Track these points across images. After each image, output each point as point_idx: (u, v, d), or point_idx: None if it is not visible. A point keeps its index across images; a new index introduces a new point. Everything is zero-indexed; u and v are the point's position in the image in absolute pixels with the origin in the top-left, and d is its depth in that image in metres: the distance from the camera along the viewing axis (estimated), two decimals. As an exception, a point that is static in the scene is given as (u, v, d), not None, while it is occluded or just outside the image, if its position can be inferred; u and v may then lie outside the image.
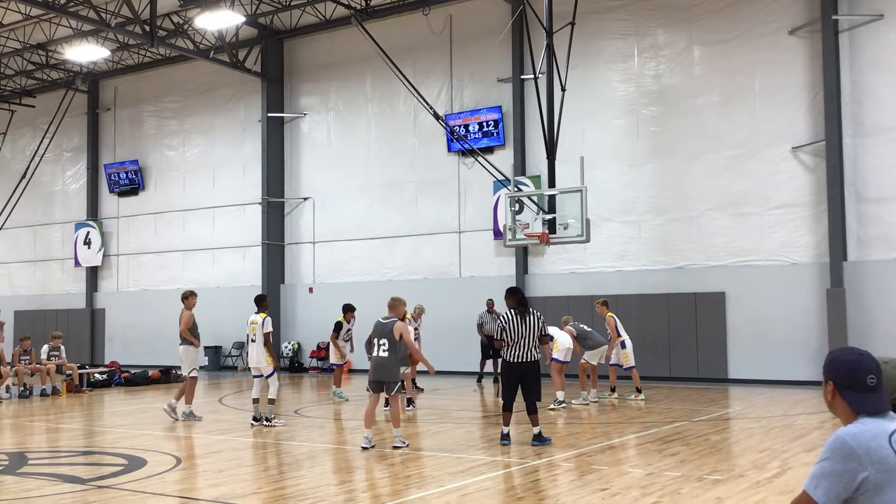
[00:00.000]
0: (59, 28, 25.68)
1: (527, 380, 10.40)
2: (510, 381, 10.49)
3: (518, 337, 10.29)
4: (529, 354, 10.32)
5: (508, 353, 10.36)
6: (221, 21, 22.84)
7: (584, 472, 8.87)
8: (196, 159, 28.28)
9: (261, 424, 12.71)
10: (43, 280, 31.99)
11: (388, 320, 10.52)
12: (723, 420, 13.48)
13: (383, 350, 10.39)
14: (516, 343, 10.30)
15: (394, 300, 10.80)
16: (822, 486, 2.81)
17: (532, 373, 10.39)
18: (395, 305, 10.74)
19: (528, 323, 10.29)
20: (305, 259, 26.06)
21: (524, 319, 10.31)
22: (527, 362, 10.35)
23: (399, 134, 24.27)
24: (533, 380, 10.42)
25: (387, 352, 10.36)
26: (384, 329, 10.46)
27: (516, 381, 10.45)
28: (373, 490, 8.08)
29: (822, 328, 18.13)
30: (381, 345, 10.42)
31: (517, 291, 10.67)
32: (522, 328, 10.27)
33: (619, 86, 20.99)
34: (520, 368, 10.35)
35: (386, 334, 10.40)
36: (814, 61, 18.64)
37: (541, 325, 10.43)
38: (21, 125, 31.92)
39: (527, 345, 10.30)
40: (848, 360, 2.99)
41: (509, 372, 10.45)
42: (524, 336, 10.28)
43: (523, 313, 10.34)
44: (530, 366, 10.37)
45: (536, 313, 10.43)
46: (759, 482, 8.11)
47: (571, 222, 16.54)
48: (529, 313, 10.38)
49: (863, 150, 18.19)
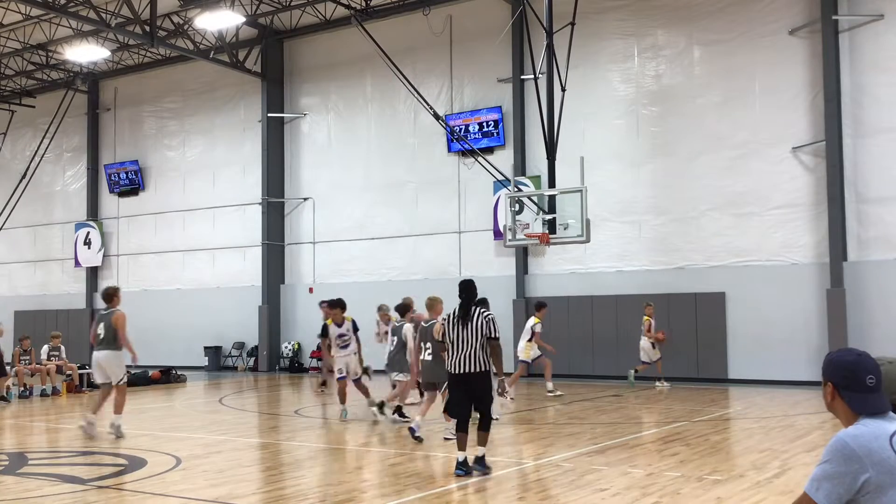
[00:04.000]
0: (59, 28, 25.67)
1: (474, 392, 8.61)
2: (458, 394, 8.74)
3: (459, 342, 8.61)
4: (475, 364, 8.54)
5: (450, 362, 8.69)
6: (221, 21, 22.85)
7: (584, 472, 8.86)
8: (196, 159, 28.27)
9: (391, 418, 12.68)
10: (43, 280, 31.99)
11: (431, 322, 10.65)
12: (723, 420, 13.48)
13: (428, 353, 10.70)
14: (457, 350, 8.61)
15: (430, 300, 10.96)
16: (823, 488, 2.81)
17: (479, 385, 8.61)
18: (433, 305, 10.90)
19: (470, 327, 8.56)
20: (305, 259, 26.05)
21: (465, 324, 8.59)
22: (471, 373, 8.55)
23: (399, 134, 24.27)
24: (481, 393, 8.63)
25: (431, 355, 10.58)
26: (427, 333, 10.66)
27: (464, 393, 8.67)
28: (373, 490, 8.07)
29: (822, 328, 18.13)
30: (426, 348, 10.75)
31: (464, 288, 8.84)
32: (464, 332, 8.57)
33: (619, 86, 20.98)
34: (464, 381, 8.61)
35: (429, 338, 10.53)
36: (814, 61, 18.63)
37: (487, 329, 8.60)
38: (21, 125, 31.92)
39: (471, 352, 8.54)
40: (847, 361, 2.99)
41: (454, 384, 8.77)
42: (467, 341, 8.56)
43: (464, 316, 8.63)
44: (476, 377, 8.57)
45: (485, 314, 8.67)
46: (759, 482, 8.11)
47: (571, 222, 16.54)
48: (472, 316, 8.63)
49: (863, 150, 18.19)
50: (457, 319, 8.68)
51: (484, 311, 8.68)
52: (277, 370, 25.60)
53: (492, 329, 8.61)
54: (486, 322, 8.60)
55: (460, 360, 8.59)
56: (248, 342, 26.57)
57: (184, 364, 25.14)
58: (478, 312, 8.66)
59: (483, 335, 8.57)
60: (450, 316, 8.78)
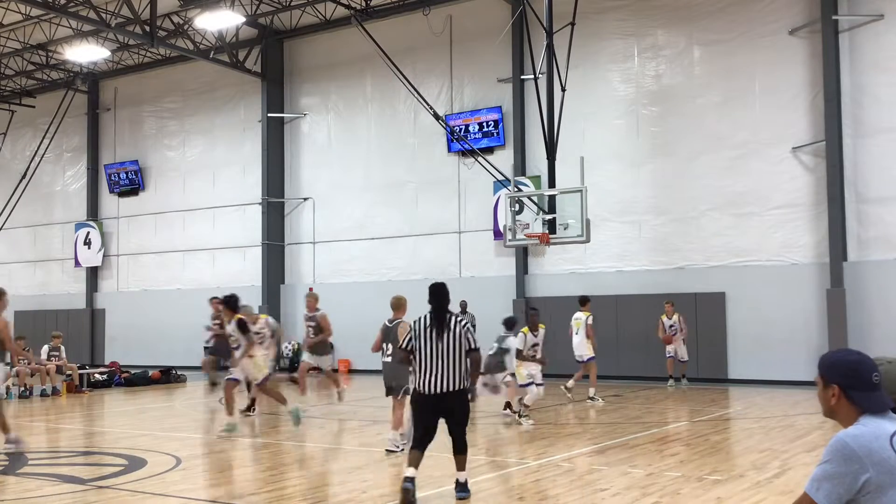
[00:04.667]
0: (59, 28, 25.66)
1: (452, 412, 7.52)
2: (427, 417, 7.52)
3: (432, 357, 7.39)
4: (453, 381, 7.37)
5: (419, 379, 7.45)
6: (221, 21, 22.84)
7: (584, 472, 8.86)
8: (196, 159, 28.27)
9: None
10: (43, 280, 31.99)
11: (394, 322, 9.92)
12: (723, 420, 13.48)
13: (387, 355, 9.85)
14: (429, 366, 7.39)
15: (396, 299, 10.12)
16: (823, 488, 2.81)
17: (459, 405, 7.50)
18: (399, 305, 10.05)
19: (446, 339, 7.40)
20: (305, 259, 26.05)
21: (439, 335, 7.42)
22: (450, 393, 7.39)
23: (399, 134, 24.26)
24: (459, 412, 7.54)
25: (391, 356, 9.73)
26: (389, 333, 9.86)
27: (435, 415, 7.51)
28: (373, 490, 8.07)
29: (822, 328, 18.12)
30: (386, 350, 9.88)
31: (436, 292, 7.63)
32: (439, 345, 7.39)
33: (619, 86, 20.98)
34: (440, 401, 7.40)
35: (391, 339, 9.74)
36: (814, 61, 18.63)
37: (467, 340, 7.46)
38: (21, 125, 31.92)
39: (448, 368, 7.37)
40: (852, 361, 2.98)
41: (424, 405, 7.50)
42: (442, 355, 7.37)
43: (439, 326, 7.45)
44: (455, 397, 7.43)
45: (462, 322, 7.50)
46: (759, 482, 8.11)
47: (571, 222, 16.54)
48: (448, 326, 7.46)
49: (863, 150, 18.18)
50: (428, 329, 7.42)
51: (461, 320, 7.51)
52: (277, 370, 25.56)
53: (473, 340, 7.46)
54: (465, 332, 7.44)
55: (435, 378, 7.33)
56: (248, 342, 26.51)
57: (184, 364, 25.12)
58: (454, 321, 7.46)
59: (461, 347, 7.39)
60: (418, 324, 7.52)
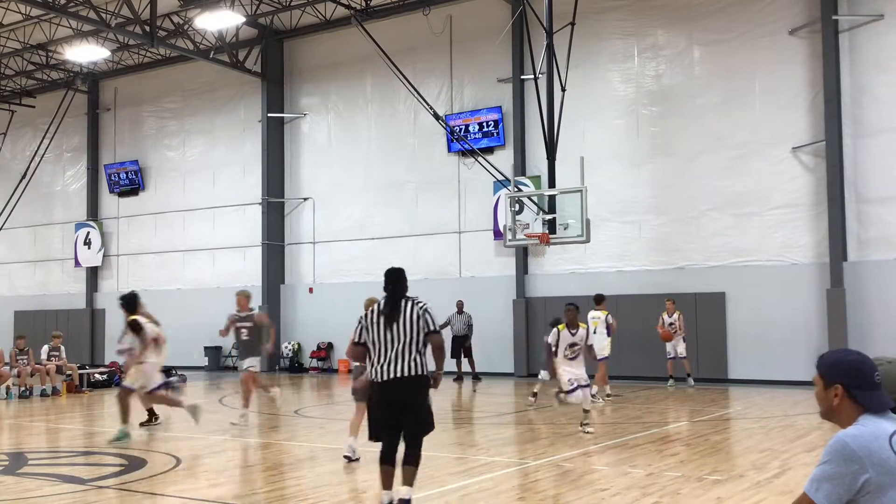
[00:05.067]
0: (59, 28, 25.66)
1: (405, 406, 6.80)
2: (382, 411, 6.89)
3: (383, 343, 6.84)
4: (406, 366, 6.75)
5: (373, 369, 6.90)
6: (221, 21, 22.85)
7: (584, 472, 8.86)
8: (196, 159, 28.27)
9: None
10: (43, 280, 31.99)
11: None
12: (723, 420, 13.48)
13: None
14: (381, 352, 6.84)
15: (369, 301, 9.63)
16: (823, 488, 2.80)
17: (412, 396, 6.80)
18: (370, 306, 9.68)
19: (400, 323, 6.81)
20: (305, 259, 26.06)
21: (392, 320, 6.83)
22: (401, 378, 6.75)
23: (399, 134, 24.27)
24: (413, 406, 6.81)
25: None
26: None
27: (389, 408, 6.84)
28: (373, 490, 8.06)
29: (822, 328, 18.12)
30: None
31: (392, 278, 7.06)
32: (392, 330, 6.81)
33: (619, 86, 20.98)
34: (391, 389, 6.78)
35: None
36: (814, 61, 18.63)
37: (425, 322, 6.85)
38: (21, 125, 31.92)
39: (401, 351, 6.77)
40: (854, 361, 2.98)
41: (377, 396, 6.93)
42: (395, 339, 6.80)
43: (391, 313, 6.86)
44: (407, 384, 6.76)
45: (419, 304, 6.91)
46: (759, 482, 8.11)
47: (571, 222, 16.55)
48: (402, 310, 6.86)
49: (863, 150, 18.19)
50: (379, 316, 6.87)
51: (419, 302, 6.90)
52: (277, 370, 25.60)
53: (429, 321, 6.85)
54: (423, 313, 6.83)
55: (386, 362, 6.76)
56: (248, 342, 26.51)
57: (183, 364, 25.13)
58: (410, 304, 6.87)
59: (419, 330, 6.79)
60: (370, 312, 6.98)
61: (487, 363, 21.57)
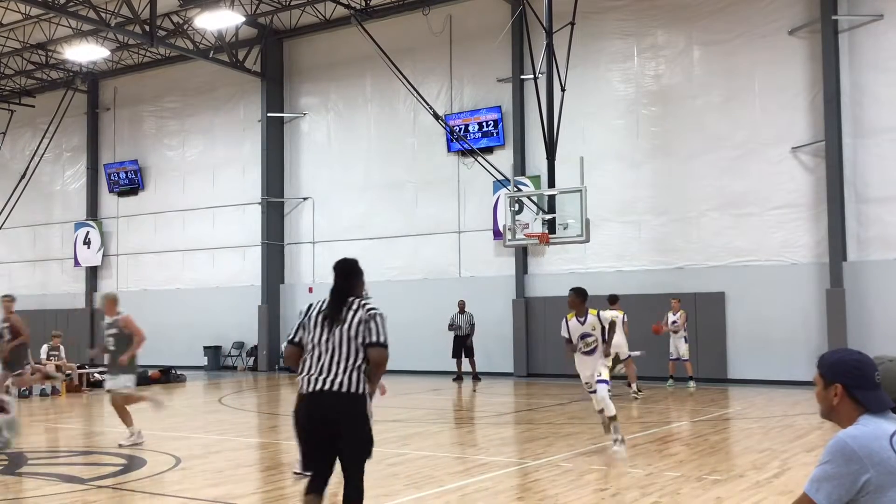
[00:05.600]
0: (58, 28, 25.65)
1: (337, 428, 5.28)
2: (310, 432, 5.40)
3: (320, 346, 5.37)
4: (339, 380, 5.25)
5: (303, 377, 5.41)
6: (221, 21, 22.84)
7: (583, 472, 8.86)
8: (196, 159, 28.27)
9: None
10: (42, 280, 31.98)
11: None
12: (722, 420, 13.48)
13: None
14: (315, 358, 5.38)
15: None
16: (823, 489, 2.80)
17: (345, 417, 5.28)
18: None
19: (340, 329, 5.32)
20: (305, 259, 26.05)
21: (334, 322, 5.36)
22: (332, 393, 5.26)
23: (399, 134, 24.26)
24: (347, 429, 5.29)
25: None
26: None
27: (318, 430, 5.35)
28: (372, 490, 8.05)
29: (821, 328, 18.12)
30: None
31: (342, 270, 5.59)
32: (333, 333, 5.34)
33: (618, 86, 20.98)
34: (318, 403, 5.30)
35: None
36: (813, 61, 18.63)
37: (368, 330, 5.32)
38: (21, 125, 31.90)
39: (336, 362, 5.29)
40: (855, 360, 2.98)
41: (303, 413, 5.42)
42: (333, 346, 5.33)
43: (334, 312, 5.39)
44: (340, 402, 5.27)
45: (369, 307, 5.40)
46: (758, 482, 8.11)
47: (571, 222, 16.55)
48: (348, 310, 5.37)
49: (862, 150, 18.19)
50: (321, 315, 5.43)
51: (368, 305, 5.41)
52: (277, 370, 25.60)
53: (378, 331, 5.32)
54: (368, 319, 5.34)
55: (317, 371, 5.32)
56: (248, 342, 26.56)
57: (183, 364, 25.13)
58: (356, 306, 5.39)
59: (360, 339, 5.32)
60: (312, 308, 5.55)
61: (487, 363, 21.56)
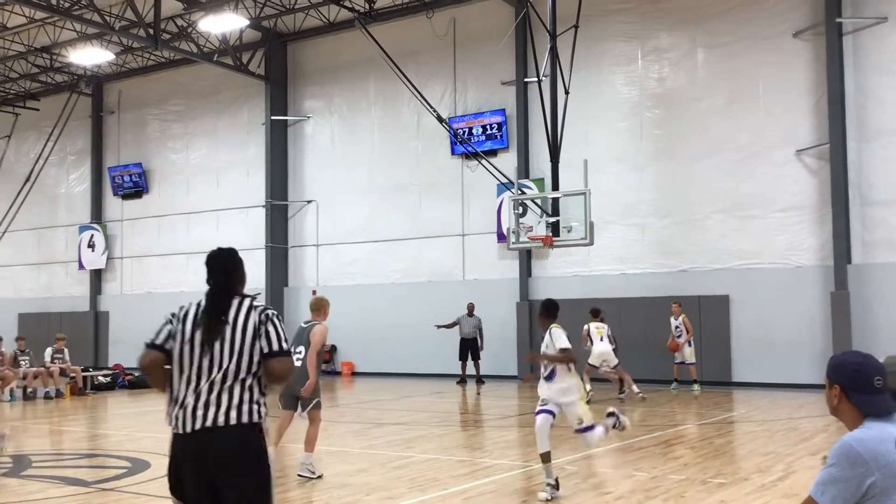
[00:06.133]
0: (63, 31, 25.72)
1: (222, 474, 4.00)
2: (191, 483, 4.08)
3: (194, 366, 4.12)
4: (223, 410, 4.03)
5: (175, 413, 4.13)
6: (225, 24, 22.88)
7: (587, 475, 8.85)
8: (200, 162, 28.31)
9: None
10: (47, 283, 32.03)
11: (309, 324, 9.03)
12: (727, 423, 13.46)
13: (297, 359, 8.63)
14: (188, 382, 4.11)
15: (317, 301, 9.19)
16: (828, 492, 2.80)
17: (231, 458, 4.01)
18: (320, 306, 9.10)
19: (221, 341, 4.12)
20: (309, 262, 26.07)
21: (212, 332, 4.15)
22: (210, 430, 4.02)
23: (403, 137, 24.27)
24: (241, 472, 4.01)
25: (301, 361, 8.65)
26: (303, 334, 8.91)
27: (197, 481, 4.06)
28: (376, 493, 8.06)
29: (826, 331, 18.08)
30: (296, 353, 8.68)
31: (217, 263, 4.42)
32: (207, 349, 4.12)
33: (622, 89, 20.97)
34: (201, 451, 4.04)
35: (304, 341, 8.81)
36: (818, 64, 18.61)
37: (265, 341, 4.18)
38: (25, 128, 31.96)
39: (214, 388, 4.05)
40: (854, 363, 2.99)
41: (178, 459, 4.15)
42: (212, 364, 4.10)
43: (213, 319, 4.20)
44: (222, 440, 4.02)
45: (259, 308, 4.25)
46: (763, 486, 8.09)
47: (575, 225, 16.54)
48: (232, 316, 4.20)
49: (867, 152, 18.15)
50: (196, 324, 4.18)
51: (258, 306, 4.25)
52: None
53: (274, 337, 4.17)
54: (266, 321, 4.19)
55: (194, 400, 4.02)
56: (252, 345, 26.55)
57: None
58: (249, 306, 4.22)
59: (251, 352, 4.11)
60: (184, 313, 4.28)
61: (491, 366, 21.55)
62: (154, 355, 4.20)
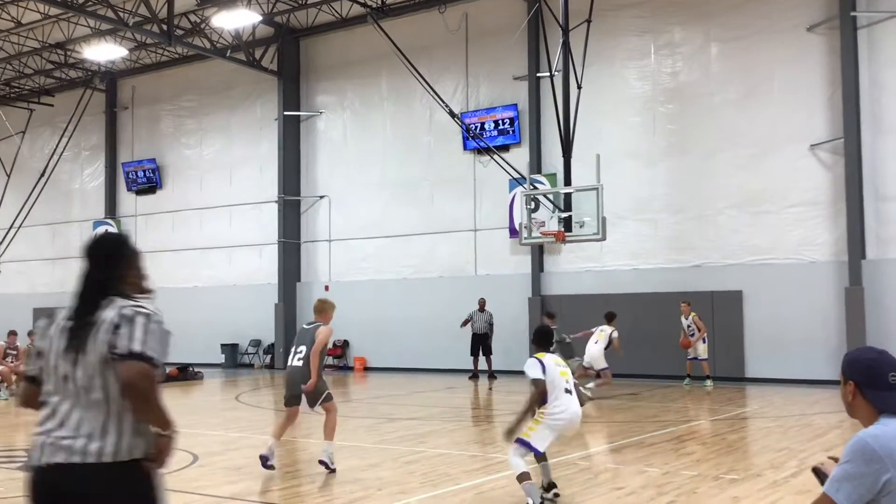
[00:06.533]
0: (77, 27, 25.84)
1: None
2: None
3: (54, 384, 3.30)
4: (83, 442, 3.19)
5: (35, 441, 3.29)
6: (238, 20, 22.95)
7: (599, 471, 8.85)
8: (213, 158, 28.40)
9: None
10: (61, 278, 32.17)
11: (312, 325, 9.16)
12: (740, 419, 13.42)
13: (298, 359, 8.89)
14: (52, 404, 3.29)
15: (321, 302, 9.40)
16: (843, 489, 2.79)
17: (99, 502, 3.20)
18: (323, 309, 9.30)
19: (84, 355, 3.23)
20: (322, 257, 26.13)
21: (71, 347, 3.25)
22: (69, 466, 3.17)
23: (415, 132, 24.28)
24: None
25: (302, 360, 8.87)
26: (305, 334, 9.06)
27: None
28: (388, 488, 8.09)
29: (840, 327, 18.00)
30: (297, 352, 8.96)
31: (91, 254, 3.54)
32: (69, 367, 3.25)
33: (635, 83, 20.90)
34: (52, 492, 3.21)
35: (307, 340, 8.96)
36: (832, 58, 18.50)
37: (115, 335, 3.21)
38: (40, 124, 32.15)
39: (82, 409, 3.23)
40: (869, 359, 2.99)
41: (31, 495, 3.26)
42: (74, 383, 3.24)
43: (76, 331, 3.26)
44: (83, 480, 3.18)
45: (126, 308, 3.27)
46: (776, 482, 8.07)
47: (587, 220, 16.52)
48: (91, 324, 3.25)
49: (882, 147, 18.04)
50: (60, 330, 3.36)
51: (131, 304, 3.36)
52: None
53: (131, 335, 3.26)
54: (124, 320, 3.27)
55: (53, 427, 3.27)
56: (265, 339, 26.67)
57: (201, 361, 25.24)
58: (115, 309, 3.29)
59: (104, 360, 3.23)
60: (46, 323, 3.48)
61: (503, 361, 21.54)
62: (26, 389, 3.48)
